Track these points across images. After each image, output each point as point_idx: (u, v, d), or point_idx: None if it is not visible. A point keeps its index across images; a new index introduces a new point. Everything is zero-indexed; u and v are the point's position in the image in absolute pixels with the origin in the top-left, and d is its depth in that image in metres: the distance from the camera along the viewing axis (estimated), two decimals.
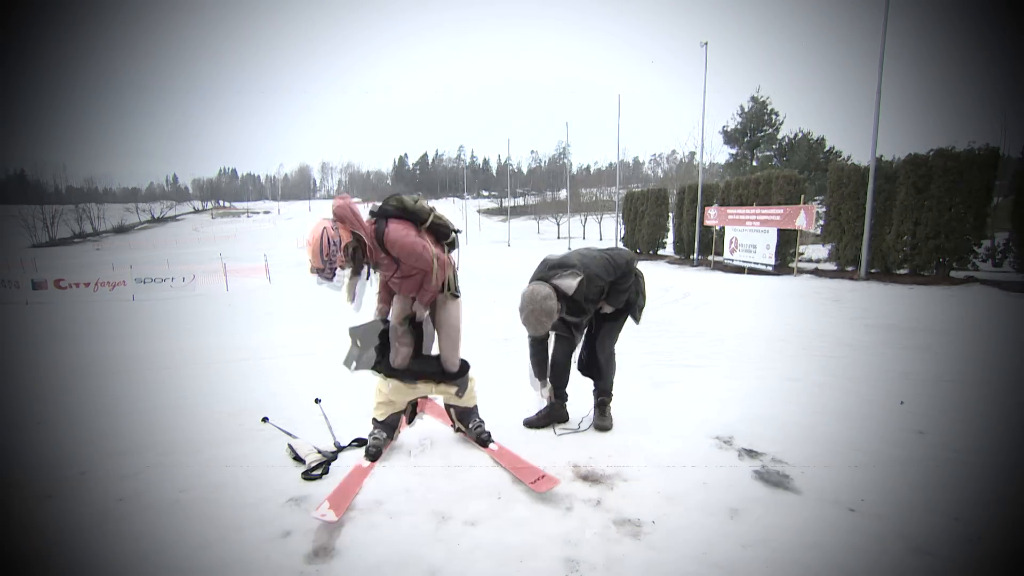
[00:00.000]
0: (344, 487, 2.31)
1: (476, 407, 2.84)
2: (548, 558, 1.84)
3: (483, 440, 2.72)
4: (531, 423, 3.05)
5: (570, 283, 2.65)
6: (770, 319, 8.18)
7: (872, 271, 13.34)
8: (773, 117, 38.79)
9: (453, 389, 2.73)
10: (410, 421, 2.89)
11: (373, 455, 2.59)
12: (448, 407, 2.86)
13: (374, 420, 2.71)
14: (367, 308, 2.61)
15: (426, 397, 3.35)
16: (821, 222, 16.94)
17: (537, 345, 2.96)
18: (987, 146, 11.66)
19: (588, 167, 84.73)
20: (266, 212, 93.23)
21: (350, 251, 2.34)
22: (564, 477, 2.41)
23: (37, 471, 2.47)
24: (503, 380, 4.04)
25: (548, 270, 2.75)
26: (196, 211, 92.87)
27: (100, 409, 4.21)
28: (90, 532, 2.00)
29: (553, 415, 3.05)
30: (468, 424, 2.80)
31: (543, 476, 2.31)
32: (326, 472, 2.45)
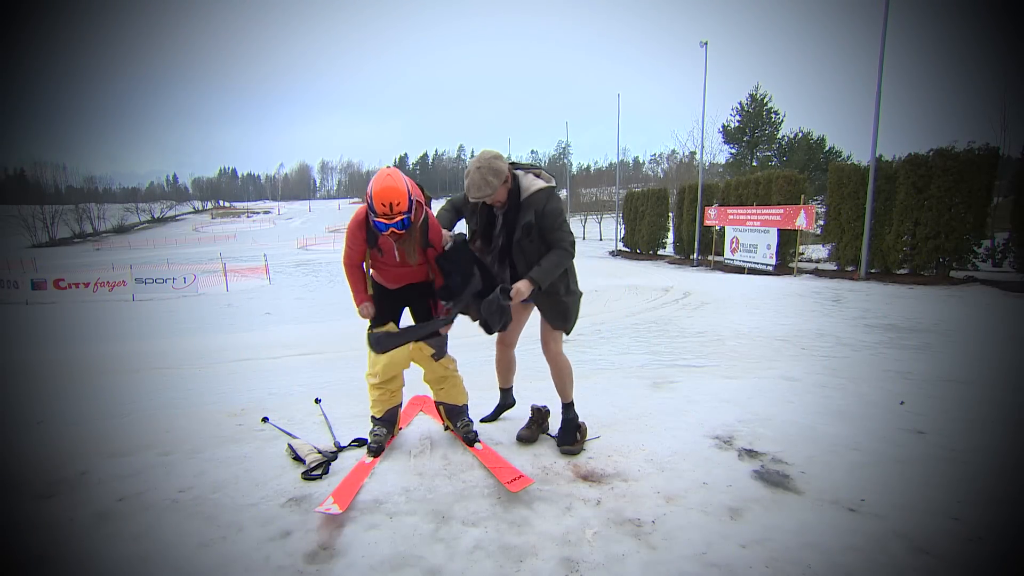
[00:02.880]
0: (348, 482, 2.32)
1: (466, 406, 2.84)
2: (548, 558, 1.84)
3: (470, 439, 2.72)
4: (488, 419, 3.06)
5: (544, 183, 2.46)
6: (770, 319, 8.18)
7: (872, 271, 13.34)
8: (773, 116, 38.80)
9: (431, 351, 2.69)
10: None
11: (375, 451, 2.61)
12: (438, 404, 2.86)
13: (373, 418, 2.73)
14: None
15: (427, 396, 3.35)
16: (821, 222, 16.95)
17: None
18: (987, 146, 11.67)
19: (588, 167, 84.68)
20: (266, 212, 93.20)
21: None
22: (564, 477, 2.41)
23: (37, 471, 2.46)
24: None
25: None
26: (196, 211, 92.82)
27: (100, 409, 4.21)
28: (90, 532, 2.00)
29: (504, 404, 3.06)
30: (456, 423, 2.81)
31: (519, 477, 2.31)
32: (326, 472, 2.45)
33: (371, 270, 2.70)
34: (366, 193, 2.39)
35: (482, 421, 3.02)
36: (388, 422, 2.73)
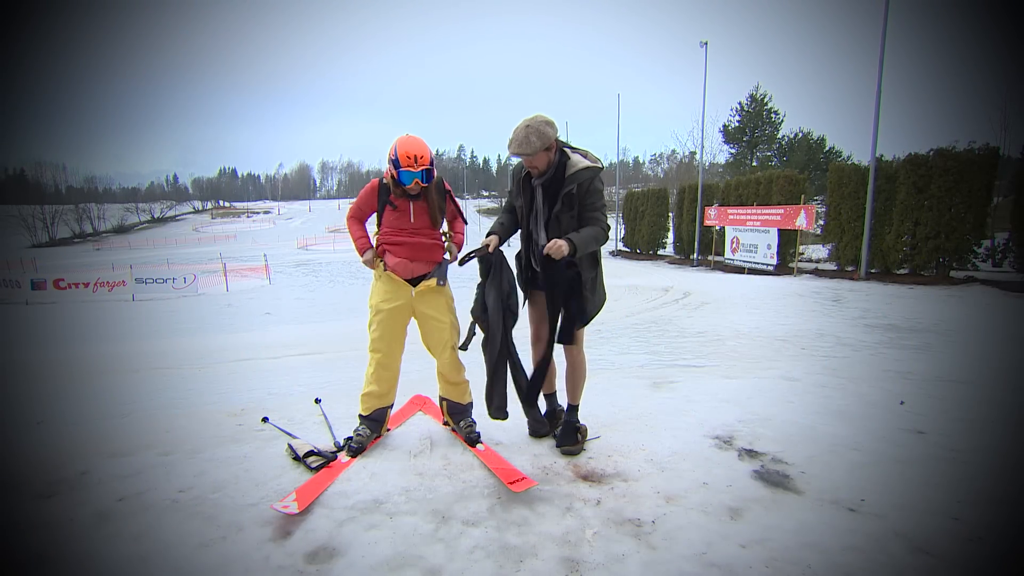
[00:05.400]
0: (315, 482, 2.31)
1: (471, 404, 2.83)
2: (548, 558, 1.84)
3: (472, 440, 2.71)
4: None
5: (591, 163, 2.48)
6: (770, 319, 8.18)
7: (872, 271, 13.34)
8: (773, 116, 38.84)
9: (433, 280, 2.68)
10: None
11: (354, 451, 2.60)
12: (442, 400, 2.85)
13: (360, 415, 2.72)
14: None
15: (427, 399, 3.34)
16: (821, 222, 16.96)
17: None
18: (987, 146, 11.67)
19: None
20: (266, 212, 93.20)
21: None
22: (564, 477, 2.41)
23: (37, 471, 2.46)
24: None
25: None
26: (196, 211, 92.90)
27: (100, 409, 4.21)
28: (90, 532, 2.00)
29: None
30: (459, 422, 2.80)
31: (522, 478, 2.30)
32: None
33: (383, 262, 2.69)
34: (389, 153, 2.55)
35: (532, 434, 2.83)
36: (375, 421, 2.72)
